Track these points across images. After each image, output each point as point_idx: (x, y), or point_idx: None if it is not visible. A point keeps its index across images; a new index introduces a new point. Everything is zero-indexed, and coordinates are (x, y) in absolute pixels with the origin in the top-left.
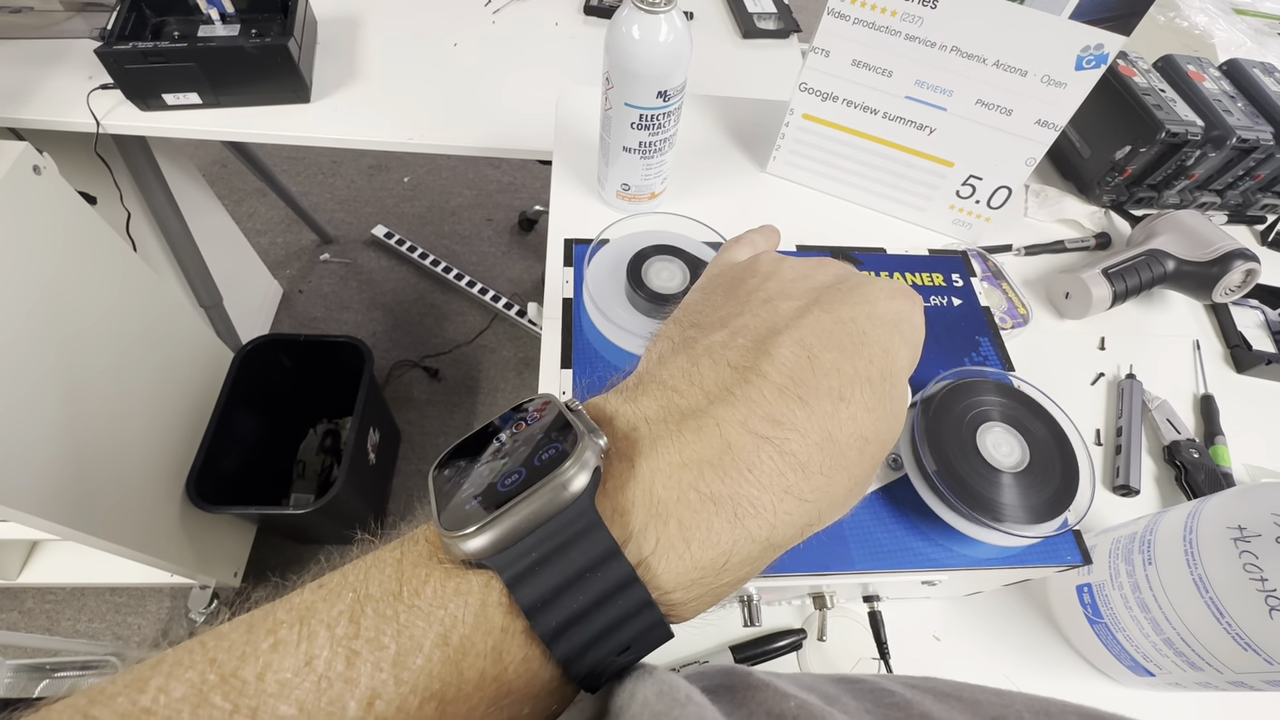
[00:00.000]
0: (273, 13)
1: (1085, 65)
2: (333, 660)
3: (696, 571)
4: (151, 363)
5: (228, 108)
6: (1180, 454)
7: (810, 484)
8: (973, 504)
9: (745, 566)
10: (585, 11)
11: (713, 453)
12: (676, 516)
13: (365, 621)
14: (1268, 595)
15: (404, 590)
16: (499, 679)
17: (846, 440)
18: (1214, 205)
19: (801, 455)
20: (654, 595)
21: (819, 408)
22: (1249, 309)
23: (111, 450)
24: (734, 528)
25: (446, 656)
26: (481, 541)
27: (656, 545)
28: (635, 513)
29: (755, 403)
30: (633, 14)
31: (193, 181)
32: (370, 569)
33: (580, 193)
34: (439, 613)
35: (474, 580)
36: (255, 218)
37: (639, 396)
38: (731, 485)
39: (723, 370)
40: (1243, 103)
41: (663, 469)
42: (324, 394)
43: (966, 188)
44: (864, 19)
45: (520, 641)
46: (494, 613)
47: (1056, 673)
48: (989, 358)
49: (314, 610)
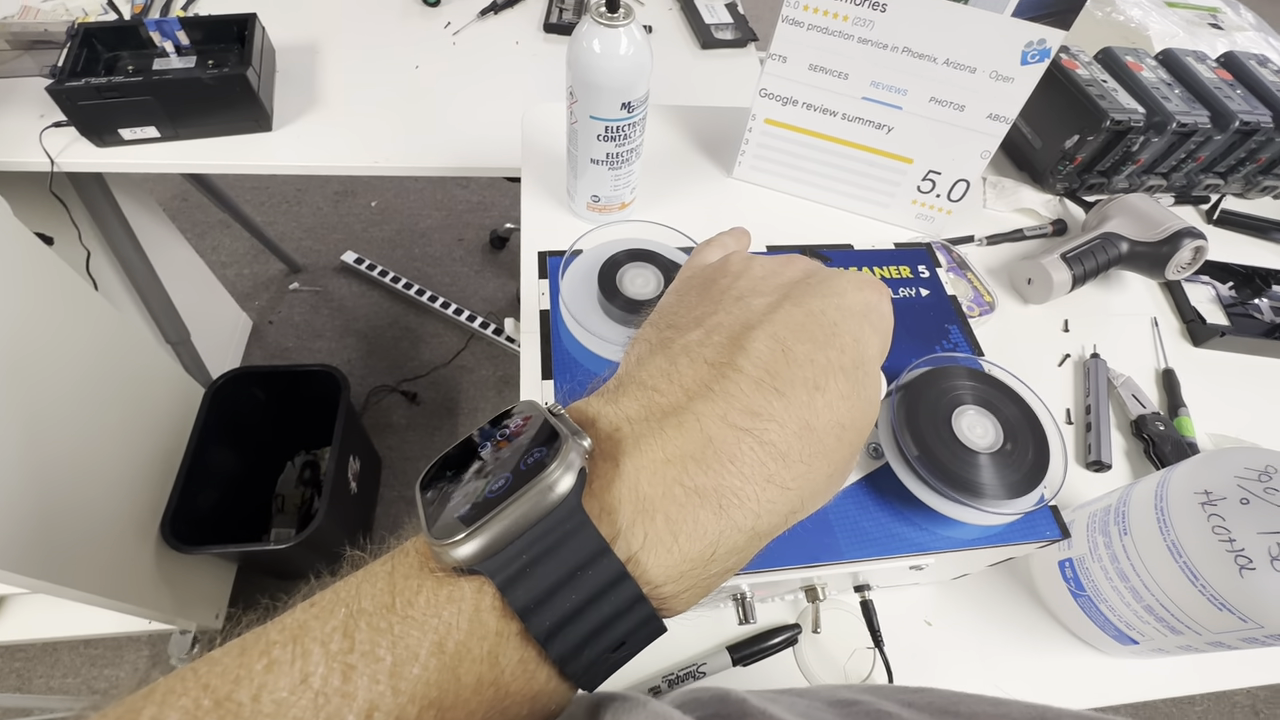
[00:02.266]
0: (229, 43)
1: (1030, 60)
2: (329, 676)
3: (685, 564)
4: (118, 403)
5: (187, 140)
6: (1147, 427)
7: (791, 472)
8: (953, 486)
9: (732, 556)
10: (545, 29)
11: (695, 447)
12: (663, 511)
13: (359, 635)
14: (1236, 555)
15: (397, 602)
16: (496, 682)
17: (824, 428)
18: (1161, 188)
19: (781, 445)
20: (645, 590)
21: (795, 398)
22: (1201, 284)
23: (79, 496)
24: (719, 519)
25: (443, 664)
26: (471, 548)
27: (645, 540)
28: (622, 510)
29: (733, 396)
30: (593, 29)
31: (153, 216)
32: (362, 583)
33: (551, 207)
34: (433, 621)
35: (466, 587)
36: (220, 250)
37: (620, 398)
38: (715, 478)
39: (700, 367)
40: (1179, 89)
41: (647, 466)
42: (300, 425)
43: (927, 183)
44: (818, 24)
45: (515, 644)
46: (488, 617)
47: (1045, 648)
48: (959, 344)
49: (307, 628)
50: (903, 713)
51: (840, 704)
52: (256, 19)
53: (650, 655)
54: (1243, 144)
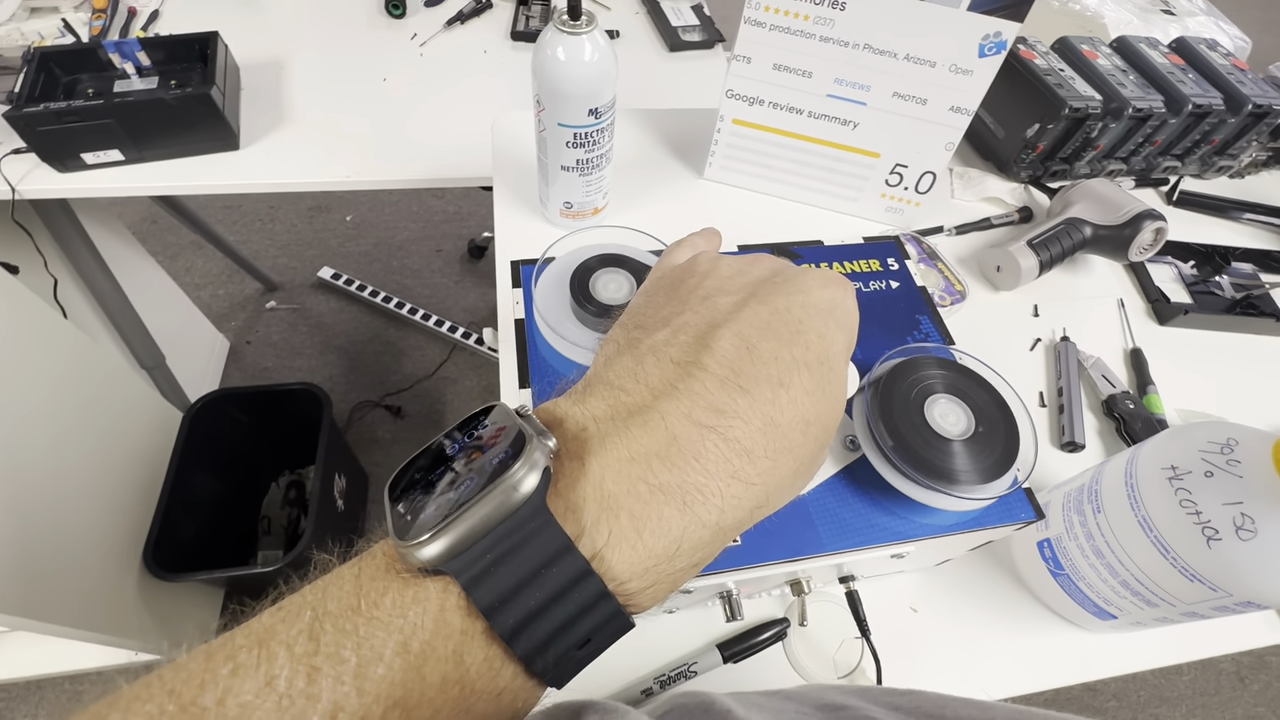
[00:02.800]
0: (191, 62)
1: (987, 52)
2: (293, 678)
3: (650, 559)
4: (94, 432)
5: (153, 162)
6: (1117, 406)
7: (756, 468)
8: (928, 474)
9: (698, 552)
10: (512, 37)
11: (659, 445)
12: (627, 509)
13: (325, 638)
14: (1204, 527)
15: (362, 604)
16: (461, 680)
17: (789, 424)
18: (1121, 172)
19: (746, 441)
20: (610, 586)
21: (760, 395)
22: (1163, 264)
23: (57, 528)
24: (683, 515)
25: (408, 663)
26: (436, 548)
27: (609, 537)
28: (587, 508)
29: (698, 394)
30: (556, 37)
31: (122, 241)
32: (328, 587)
33: (524, 215)
34: (398, 622)
35: (431, 587)
36: (193, 271)
37: (587, 398)
38: (679, 475)
39: (666, 367)
40: (1134, 75)
41: (612, 465)
42: (283, 445)
43: (894, 176)
44: (780, 25)
45: (481, 642)
46: (453, 616)
47: (1029, 628)
48: (930, 334)
49: (273, 632)
50: (888, 716)
51: (828, 707)
52: (218, 37)
53: (641, 656)
54: (1197, 126)
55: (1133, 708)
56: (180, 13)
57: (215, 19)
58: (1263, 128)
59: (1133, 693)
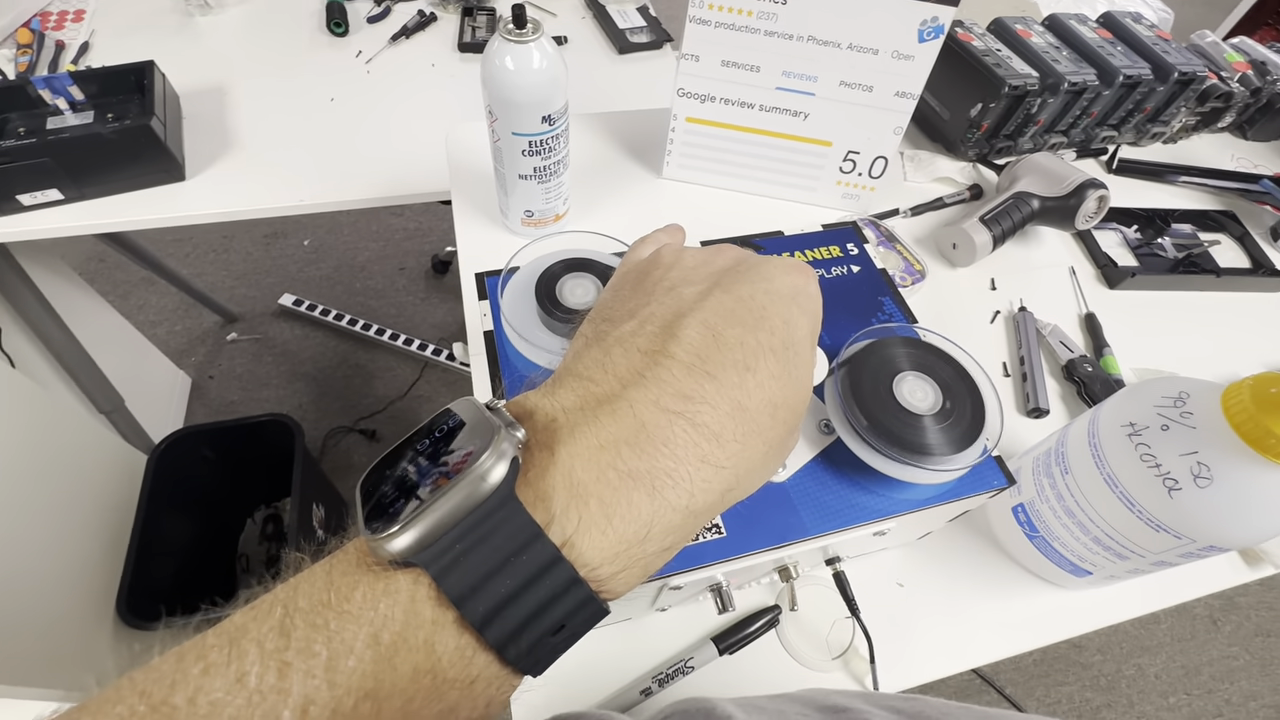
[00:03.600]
0: (128, 93)
1: (926, 37)
2: (264, 674)
3: (621, 544)
4: (53, 483)
5: (94, 199)
6: (1077, 370)
7: (725, 451)
8: (902, 450)
9: (669, 536)
10: (460, 49)
11: (628, 432)
12: (596, 495)
13: (296, 633)
14: (1164, 478)
15: (333, 598)
16: (433, 670)
17: (757, 407)
18: (1063, 144)
19: (714, 425)
20: (581, 572)
21: (727, 380)
22: (1109, 230)
23: (22, 586)
24: (653, 499)
25: (378, 655)
26: (406, 540)
27: (579, 524)
28: (556, 496)
29: (665, 382)
30: (503, 46)
31: (68, 282)
32: (300, 584)
33: (485, 226)
34: (369, 614)
35: (402, 579)
36: (147, 309)
37: (557, 390)
38: (648, 461)
39: (633, 356)
40: (1067, 51)
41: (581, 453)
42: (257, 479)
43: (848, 163)
44: (724, 21)
45: (452, 631)
46: (423, 607)
47: (1011, 592)
48: (894, 314)
49: (245, 630)
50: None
51: (830, 709)
52: (154, 66)
53: (637, 657)
54: (1129, 96)
55: (1117, 659)
56: (111, 44)
57: (149, 48)
58: (1189, 94)
59: (1115, 645)
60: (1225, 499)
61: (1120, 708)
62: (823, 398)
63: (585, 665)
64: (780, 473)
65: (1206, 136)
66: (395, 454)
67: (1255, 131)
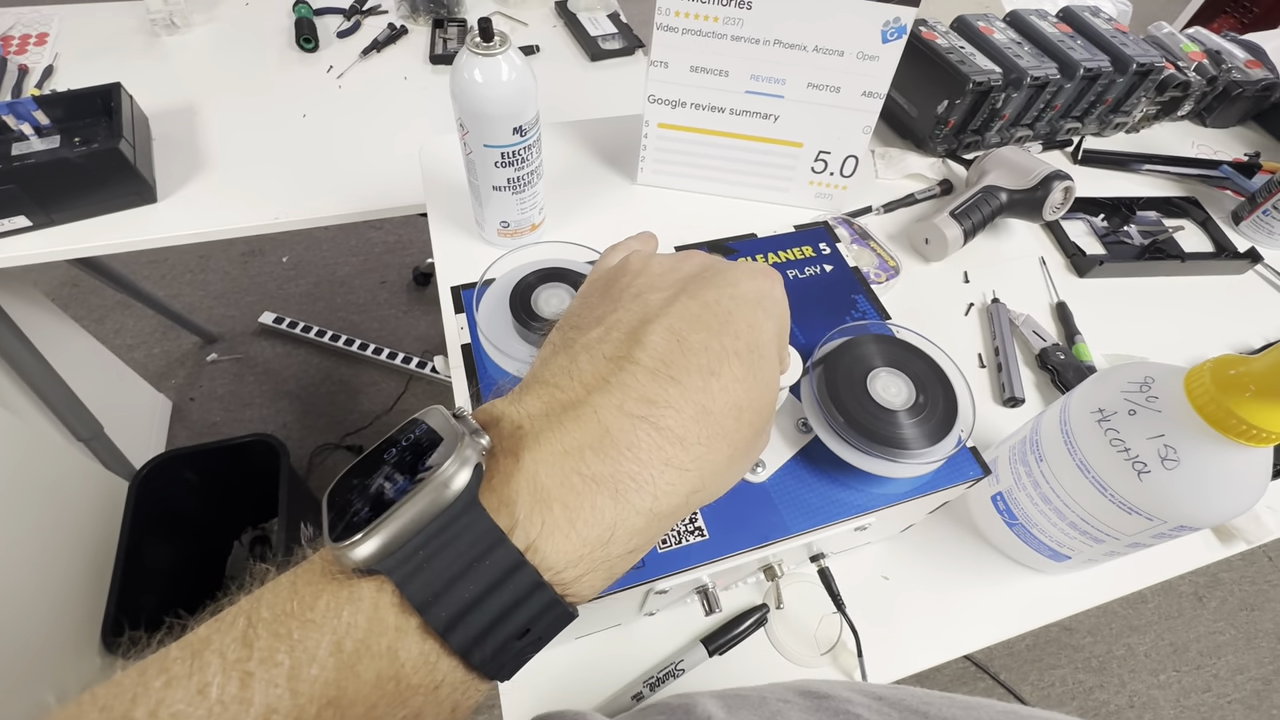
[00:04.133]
0: (95, 117)
1: (890, 38)
2: (226, 684)
3: (585, 547)
4: (31, 513)
5: (64, 224)
6: (1050, 359)
7: (689, 454)
8: (879, 445)
9: (633, 538)
10: (431, 61)
11: (592, 437)
12: (560, 499)
13: (259, 643)
14: (1133, 462)
15: (297, 607)
16: (397, 676)
17: (722, 411)
18: (1029, 137)
19: (678, 429)
20: (546, 575)
21: (691, 384)
22: (1076, 220)
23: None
24: (616, 503)
25: (341, 662)
26: (370, 547)
27: (542, 528)
28: (520, 502)
29: (629, 387)
30: (471, 59)
31: (40, 309)
32: (264, 594)
33: (463, 238)
34: (332, 622)
35: (366, 586)
36: (123, 333)
37: (523, 397)
38: (612, 465)
39: (599, 362)
40: (1028, 46)
41: (546, 459)
42: (243, 501)
43: (819, 163)
44: (691, 28)
45: (416, 638)
46: (386, 613)
47: (995, 580)
48: (867, 312)
49: (208, 642)
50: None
51: (810, 694)
52: (121, 88)
53: (628, 662)
54: (1090, 89)
55: (1107, 640)
56: (77, 67)
57: (116, 70)
58: (1148, 84)
59: (1105, 626)
60: (1192, 479)
61: (1112, 688)
62: (799, 397)
63: (576, 671)
64: (760, 472)
65: (1167, 125)
66: (362, 464)
67: (1214, 118)
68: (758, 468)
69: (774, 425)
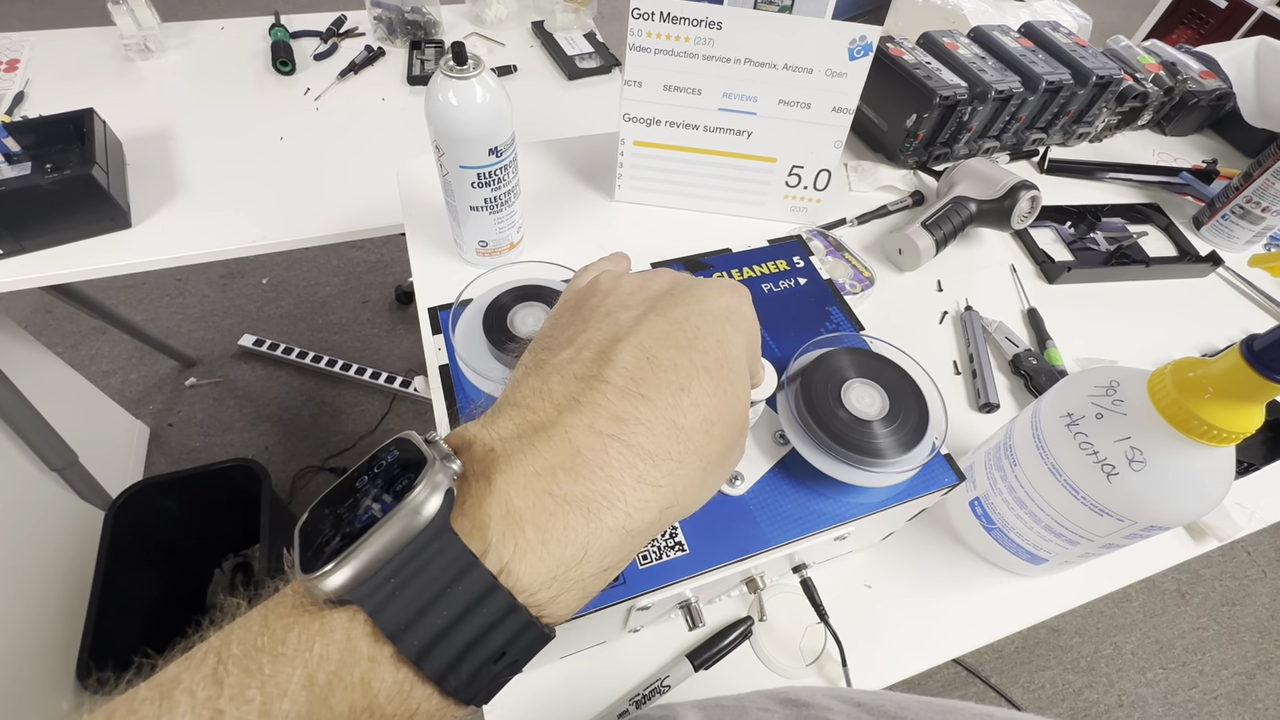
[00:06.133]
0: (67, 142)
1: (857, 55)
2: None
3: (558, 568)
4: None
5: (35, 251)
6: (1023, 364)
7: (661, 470)
8: (854, 455)
9: (607, 556)
10: (409, 82)
11: (563, 458)
12: (532, 521)
13: (229, 680)
14: (1102, 464)
15: (267, 641)
16: (370, 707)
17: (693, 426)
18: (996, 149)
19: (649, 445)
20: (520, 598)
21: (661, 400)
22: (1044, 228)
23: None
24: (589, 522)
25: (313, 696)
26: (340, 577)
27: (515, 550)
28: (493, 525)
29: (600, 406)
30: (445, 82)
31: (12, 336)
32: (234, 629)
33: (442, 258)
34: (304, 655)
35: (338, 617)
36: (99, 359)
37: (495, 420)
38: (583, 484)
39: (569, 383)
40: (992, 61)
41: (518, 481)
42: (224, 527)
43: (793, 177)
44: (663, 48)
45: (389, 667)
46: (359, 643)
47: (975, 585)
48: (841, 323)
49: (177, 681)
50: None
51: (790, 702)
52: (94, 114)
53: (613, 679)
54: (1053, 100)
55: (1094, 640)
56: (48, 92)
57: (88, 95)
58: (1108, 95)
59: (1091, 627)
60: (1159, 480)
61: (1101, 687)
62: (775, 409)
63: (561, 691)
64: (738, 485)
65: (1129, 134)
66: (334, 493)
67: (1173, 127)
68: (736, 481)
69: (751, 438)
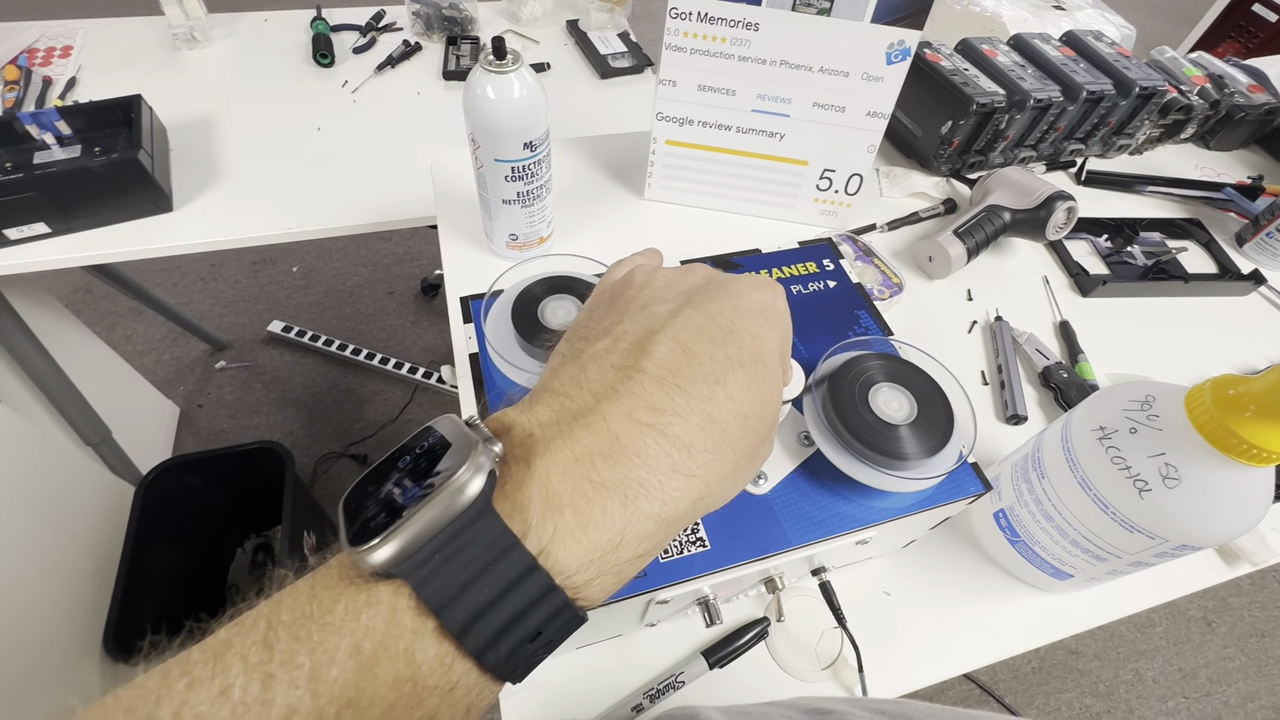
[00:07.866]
0: (115, 127)
1: (894, 60)
2: (248, 686)
3: (595, 552)
4: (38, 518)
5: (82, 231)
6: (1053, 377)
7: (696, 461)
8: (880, 459)
9: (642, 543)
10: (445, 77)
11: (602, 444)
12: (571, 505)
13: (279, 645)
14: (1134, 479)
15: (316, 611)
16: (414, 678)
17: (727, 419)
18: (1032, 158)
19: (685, 436)
20: (557, 580)
21: (697, 393)
22: (1080, 240)
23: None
24: (626, 508)
25: (360, 664)
26: (386, 552)
27: (554, 533)
28: (533, 508)
29: (637, 395)
30: (484, 77)
31: (54, 314)
32: (283, 598)
33: (472, 250)
34: (351, 625)
35: (383, 590)
36: (134, 339)
37: (534, 406)
38: (622, 471)
39: (607, 372)
40: (1032, 69)
41: (557, 465)
42: (247, 508)
43: (824, 181)
44: (699, 48)
45: (432, 640)
46: (404, 616)
47: (997, 597)
48: (870, 328)
49: (229, 645)
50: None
51: (814, 711)
52: (141, 100)
53: (628, 673)
54: (1093, 111)
55: (1114, 665)
56: (99, 79)
57: (136, 82)
58: (1151, 107)
59: (1112, 650)
60: (1193, 498)
61: (1119, 713)
62: (801, 410)
63: (577, 682)
64: (761, 484)
65: (1171, 147)
66: (377, 471)
67: (1217, 142)
68: (760, 479)
69: (776, 437)
